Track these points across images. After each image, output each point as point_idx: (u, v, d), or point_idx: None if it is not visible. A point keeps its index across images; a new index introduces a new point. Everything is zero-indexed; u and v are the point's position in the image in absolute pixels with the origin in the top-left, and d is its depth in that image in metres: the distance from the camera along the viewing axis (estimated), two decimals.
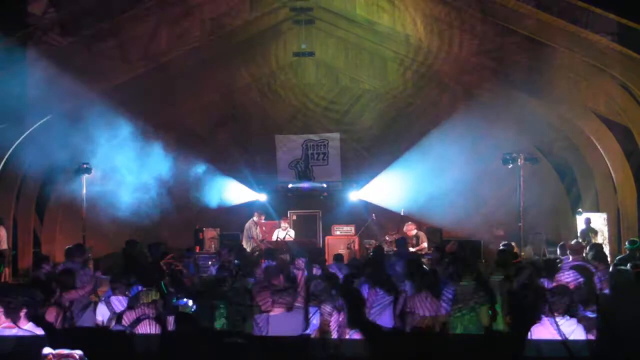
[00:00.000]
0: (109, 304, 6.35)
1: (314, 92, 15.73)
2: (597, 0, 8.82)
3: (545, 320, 4.68)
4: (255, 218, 13.81)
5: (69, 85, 11.12)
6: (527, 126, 14.53)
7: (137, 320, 5.11)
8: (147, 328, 5.08)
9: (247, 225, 13.76)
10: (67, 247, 8.83)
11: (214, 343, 5.21)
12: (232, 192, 15.61)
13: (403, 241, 10.42)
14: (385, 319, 6.43)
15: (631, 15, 8.70)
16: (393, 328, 6.19)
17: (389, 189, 15.22)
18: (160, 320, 5.15)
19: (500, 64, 12.56)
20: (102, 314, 6.35)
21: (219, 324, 5.92)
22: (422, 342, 4.72)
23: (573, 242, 9.66)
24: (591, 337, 4.56)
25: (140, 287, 6.78)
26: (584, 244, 11.80)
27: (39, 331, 4.48)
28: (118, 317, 5.37)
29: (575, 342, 4.37)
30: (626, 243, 10.24)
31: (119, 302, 6.29)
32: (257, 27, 13.50)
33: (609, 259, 11.25)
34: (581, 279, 6.39)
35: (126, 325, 5.10)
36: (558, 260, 8.76)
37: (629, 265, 7.51)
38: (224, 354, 4.57)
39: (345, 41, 14.61)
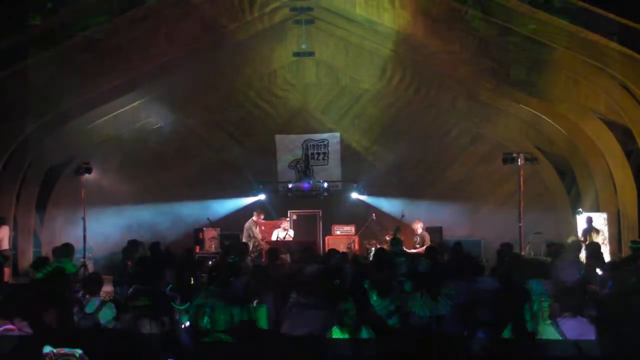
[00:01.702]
0: (81, 306, 6.22)
1: (314, 92, 15.72)
2: (597, 0, 8.82)
3: (550, 320, 4.69)
4: (254, 217, 13.81)
5: (70, 85, 11.14)
6: (527, 126, 14.56)
7: (135, 319, 5.09)
8: (147, 327, 5.07)
9: (246, 224, 13.76)
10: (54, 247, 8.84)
11: (213, 342, 5.22)
12: (232, 192, 15.61)
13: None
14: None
15: (631, 15, 8.71)
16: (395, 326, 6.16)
17: (390, 188, 15.22)
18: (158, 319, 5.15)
19: (500, 64, 12.56)
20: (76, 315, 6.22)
21: (203, 322, 5.86)
22: (422, 342, 4.71)
23: (570, 240, 9.69)
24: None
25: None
26: (583, 242, 11.86)
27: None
28: (115, 316, 5.34)
29: (581, 342, 4.36)
30: (630, 243, 10.23)
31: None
32: (257, 27, 13.50)
33: (608, 258, 11.30)
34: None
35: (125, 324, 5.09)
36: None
37: None
38: (227, 353, 4.56)
39: (346, 41, 14.61)
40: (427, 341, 4.59)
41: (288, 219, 14.41)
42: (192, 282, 7.62)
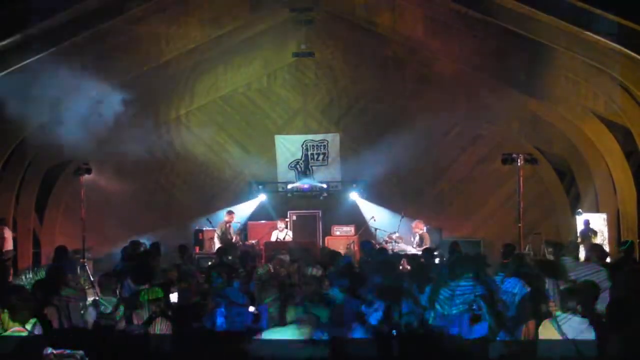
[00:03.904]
0: (97, 306, 6.22)
1: (314, 92, 15.72)
2: (597, 1, 8.81)
3: (549, 319, 4.67)
4: (226, 218, 13.67)
5: (70, 85, 11.14)
6: (527, 126, 14.56)
7: (150, 319, 5.07)
8: (160, 327, 5.06)
9: (219, 225, 13.61)
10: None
11: (215, 343, 5.20)
12: (232, 192, 15.62)
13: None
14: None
15: (631, 15, 8.69)
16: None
17: (390, 189, 15.22)
18: (170, 318, 5.16)
19: (500, 64, 12.57)
20: (90, 315, 6.22)
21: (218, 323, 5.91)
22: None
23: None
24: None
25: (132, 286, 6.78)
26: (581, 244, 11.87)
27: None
28: (127, 317, 5.30)
29: (581, 342, 4.35)
30: (620, 246, 10.24)
31: (108, 303, 6.17)
32: (257, 27, 13.50)
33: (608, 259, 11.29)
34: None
35: (138, 324, 5.05)
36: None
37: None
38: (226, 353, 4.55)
39: (345, 41, 14.60)
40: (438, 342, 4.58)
41: (287, 219, 14.39)
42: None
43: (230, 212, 13.88)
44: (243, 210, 15.13)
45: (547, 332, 4.61)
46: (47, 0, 9.57)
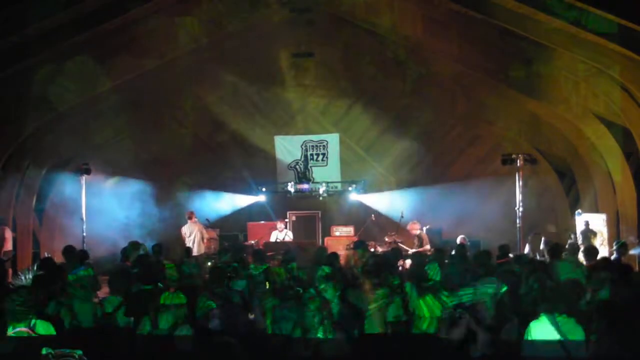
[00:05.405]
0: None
1: (313, 92, 15.71)
2: (597, 1, 8.80)
3: (544, 318, 4.63)
4: (188, 220, 13.16)
5: (69, 86, 11.15)
6: (527, 127, 14.57)
7: (175, 325, 4.93)
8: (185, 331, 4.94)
9: (182, 229, 13.13)
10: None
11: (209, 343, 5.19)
12: (231, 192, 15.62)
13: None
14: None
15: (631, 16, 8.69)
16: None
17: (389, 189, 15.23)
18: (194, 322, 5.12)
19: (500, 64, 12.57)
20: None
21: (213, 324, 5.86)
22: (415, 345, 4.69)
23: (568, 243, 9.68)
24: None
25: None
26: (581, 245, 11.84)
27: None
28: (152, 320, 5.10)
29: (573, 342, 4.33)
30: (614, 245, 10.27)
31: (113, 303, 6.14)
32: (257, 27, 13.50)
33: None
34: None
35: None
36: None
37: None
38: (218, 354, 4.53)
39: (345, 42, 14.60)
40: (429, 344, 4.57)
41: (286, 220, 14.39)
42: None
43: (191, 213, 13.27)
44: (237, 202, 15.12)
45: (544, 331, 4.57)
46: (47, 1, 9.56)
